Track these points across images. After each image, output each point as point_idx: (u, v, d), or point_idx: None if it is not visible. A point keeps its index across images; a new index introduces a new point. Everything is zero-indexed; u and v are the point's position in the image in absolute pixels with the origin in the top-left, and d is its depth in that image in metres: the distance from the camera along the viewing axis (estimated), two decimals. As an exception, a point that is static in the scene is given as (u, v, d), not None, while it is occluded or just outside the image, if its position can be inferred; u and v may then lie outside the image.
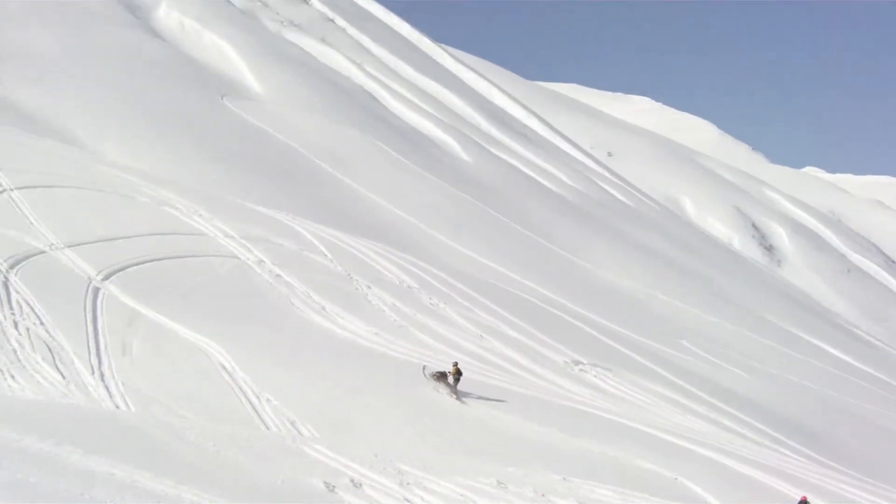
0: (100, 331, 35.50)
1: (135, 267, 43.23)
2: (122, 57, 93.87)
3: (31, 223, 45.31)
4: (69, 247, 43.32)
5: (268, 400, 32.74)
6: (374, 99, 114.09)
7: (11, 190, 49.27)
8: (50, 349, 32.79)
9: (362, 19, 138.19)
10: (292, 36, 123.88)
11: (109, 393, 30.65)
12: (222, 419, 29.95)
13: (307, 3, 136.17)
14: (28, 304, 35.94)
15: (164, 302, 39.84)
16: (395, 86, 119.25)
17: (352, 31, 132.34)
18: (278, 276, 47.42)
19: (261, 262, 48.67)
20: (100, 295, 39.00)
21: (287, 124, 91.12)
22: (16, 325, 34.02)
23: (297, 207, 64.38)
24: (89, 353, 33.31)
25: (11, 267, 39.13)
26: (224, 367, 34.91)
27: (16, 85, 77.74)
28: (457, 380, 37.89)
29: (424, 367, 38.81)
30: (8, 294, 36.49)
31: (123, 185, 56.58)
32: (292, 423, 31.32)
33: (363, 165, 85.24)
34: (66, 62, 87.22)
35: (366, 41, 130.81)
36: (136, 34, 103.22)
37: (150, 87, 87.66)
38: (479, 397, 37.41)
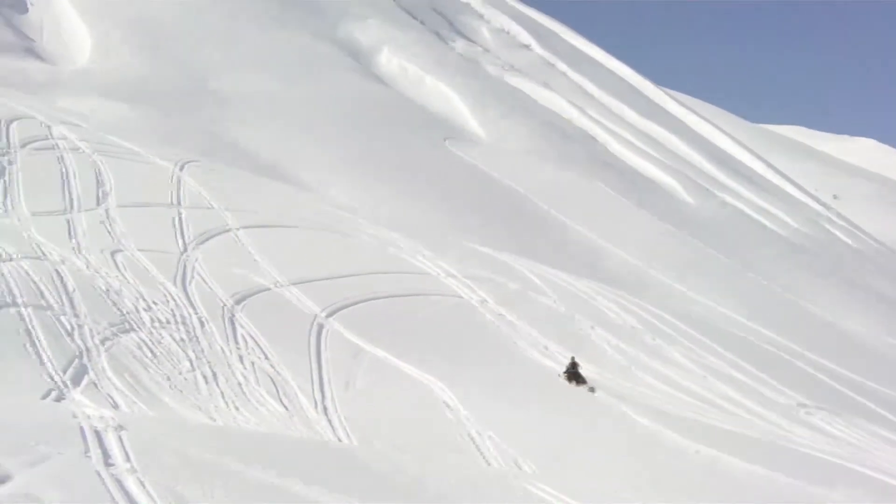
0: (323, 366, 35.68)
1: (359, 304, 43.45)
2: (346, 100, 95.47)
3: (257, 261, 45.95)
4: (294, 284, 43.77)
5: (490, 437, 32.30)
6: (596, 142, 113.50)
7: (238, 229, 50.14)
8: (274, 382, 33.03)
9: (584, 63, 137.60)
10: (514, 80, 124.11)
11: (332, 426, 30.65)
12: (444, 454, 29.67)
13: (528, 48, 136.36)
14: (253, 339, 36.34)
15: (388, 339, 39.83)
16: (617, 129, 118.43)
17: (573, 75, 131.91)
18: (501, 315, 47.06)
19: (483, 301, 48.42)
20: (324, 331, 39.24)
21: (509, 167, 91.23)
22: (241, 359, 34.40)
23: (520, 248, 64.11)
24: (313, 386, 33.47)
25: (237, 303, 39.69)
26: (447, 404, 34.65)
27: (242, 128, 79.65)
28: (577, 374, 40.17)
29: (559, 375, 40.47)
30: (234, 329, 36.97)
31: (347, 225, 57.17)
32: (514, 461, 30.80)
33: (586, 207, 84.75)
34: (292, 106, 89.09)
35: (588, 85, 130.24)
36: (358, 79, 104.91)
37: (373, 131, 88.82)
38: (703, 439, 36.37)
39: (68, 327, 33.09)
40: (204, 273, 42.49)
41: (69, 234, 44.47)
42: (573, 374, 40.32)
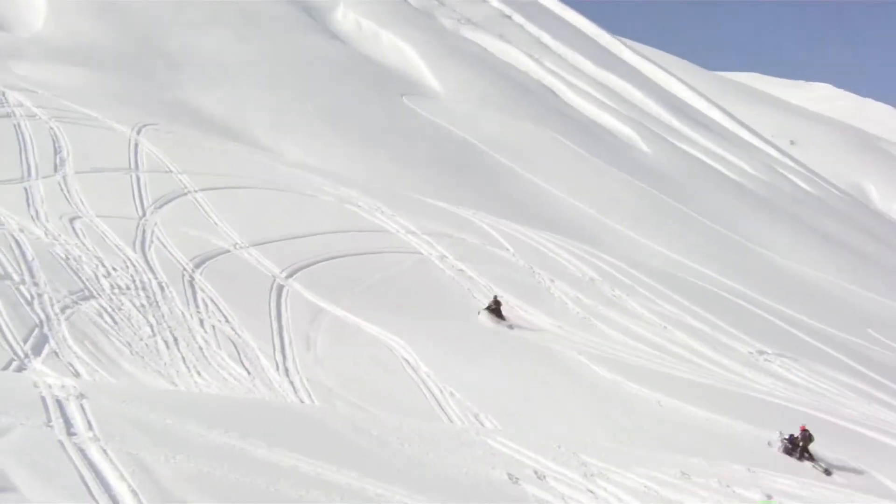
0: (284, 327, 35.92)
1: (318, 264, 43.65)
2: (301, 59, 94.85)
3: (216, 223, 46.01)
4: (253, 245, 43.89)
5: (451, 393, 32.65)
6: (553, 94, 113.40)
7: (196, 192, 50.10)
8: (235, 346, 33.23)
9: (540, 15, 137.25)
10: (470, 33, 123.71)
11: (294, 388, 30.92)
12: (406, 413, 29.87)
13: (484, 0, 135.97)
14: (213, 302, 36.50)
15: (348, 298, 40.10)
16: (574, 80, 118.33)
17: (529, 27, 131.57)
18: (460, 270, 47.35)
19: (443, 257, 48.66)
20: (284, 292, 39.42)
21: (466, 120, 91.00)
22: (202, 322, 34.56)
23: (479, 202, 64.20)
24: (274, 349, 33.71)
25: (197, 266, 39.80)
26: (407, 362, 34.96)
27: (198, 89, 79.21)
28: (497, 311, 41.40)
29: (479, 312, 41.63)
30: (194, 293, 37.10)
31: (305, 184, 57.14)
32: (475, 416, 31.17)
33: (543, 159, 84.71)
34: (246, 66, 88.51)
35: (544, 37, 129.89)
36: (313, 36, 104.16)
37: (329, 88, 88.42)
38: (664, 389, 36.80)
39: (28, 296, 33.10)
40: (163, 237, 42.53)
41: (27, 201, 44.27)
42: (494, 311, 41.36)
